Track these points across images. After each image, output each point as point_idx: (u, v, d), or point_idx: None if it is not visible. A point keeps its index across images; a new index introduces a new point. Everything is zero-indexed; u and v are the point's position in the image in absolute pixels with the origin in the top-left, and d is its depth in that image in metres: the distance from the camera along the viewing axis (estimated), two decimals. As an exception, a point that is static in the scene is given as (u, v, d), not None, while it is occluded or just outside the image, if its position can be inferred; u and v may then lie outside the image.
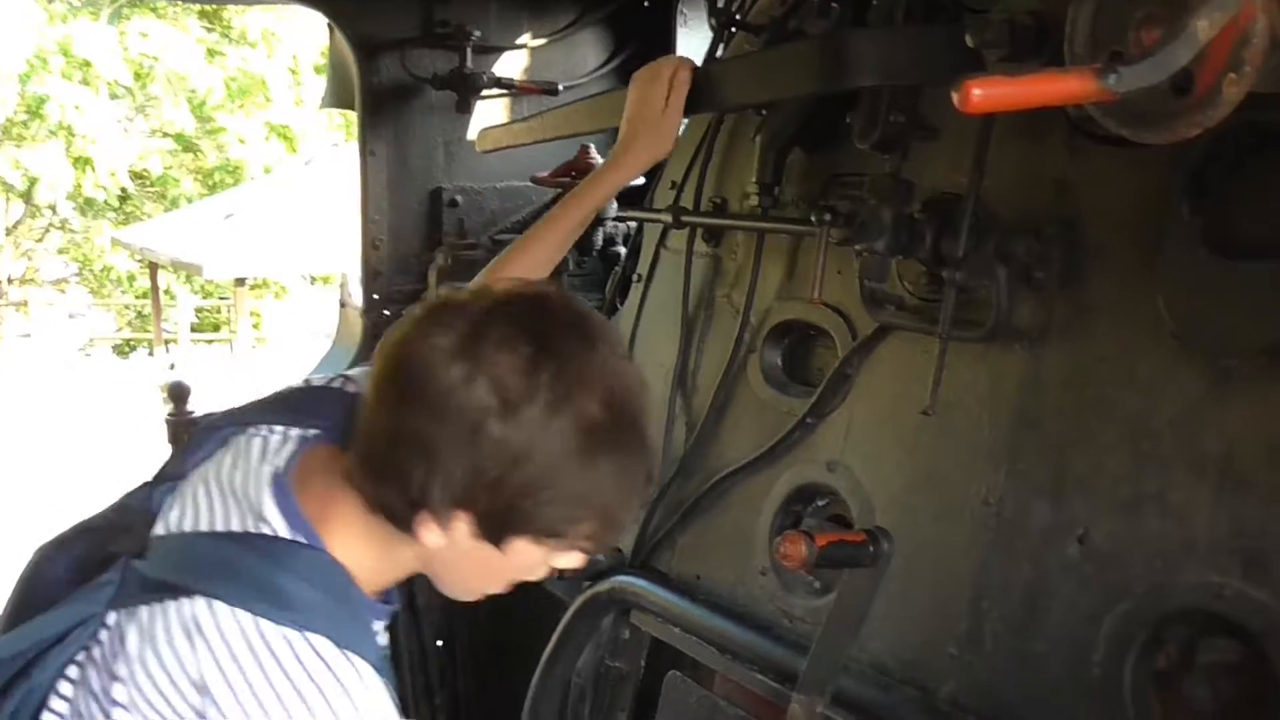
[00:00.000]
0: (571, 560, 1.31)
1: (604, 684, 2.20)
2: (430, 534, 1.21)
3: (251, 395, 1.50)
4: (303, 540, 1.26)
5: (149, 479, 1.43)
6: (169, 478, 1.40)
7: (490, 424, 1.14)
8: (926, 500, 1.61)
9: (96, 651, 1.28)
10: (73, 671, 1.29)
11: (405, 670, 3.09)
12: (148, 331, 18.19)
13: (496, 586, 1.33)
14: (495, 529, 1.20)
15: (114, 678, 1.23)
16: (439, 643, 3.20)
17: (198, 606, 1.21)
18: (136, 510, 1.39)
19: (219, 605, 1.20)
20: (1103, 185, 1.44)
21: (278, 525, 1.27)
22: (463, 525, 1.20)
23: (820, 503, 1.81)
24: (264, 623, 1.19)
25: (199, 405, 2.79)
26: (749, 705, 1.74)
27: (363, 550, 1.28)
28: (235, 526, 1.28)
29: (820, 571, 1.78)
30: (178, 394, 2.74)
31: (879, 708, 1.58)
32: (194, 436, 1.45)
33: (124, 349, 19.86)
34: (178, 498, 1.36)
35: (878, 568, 1.51)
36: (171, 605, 1.22)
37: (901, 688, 1.59)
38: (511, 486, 1.16)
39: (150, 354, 17.56)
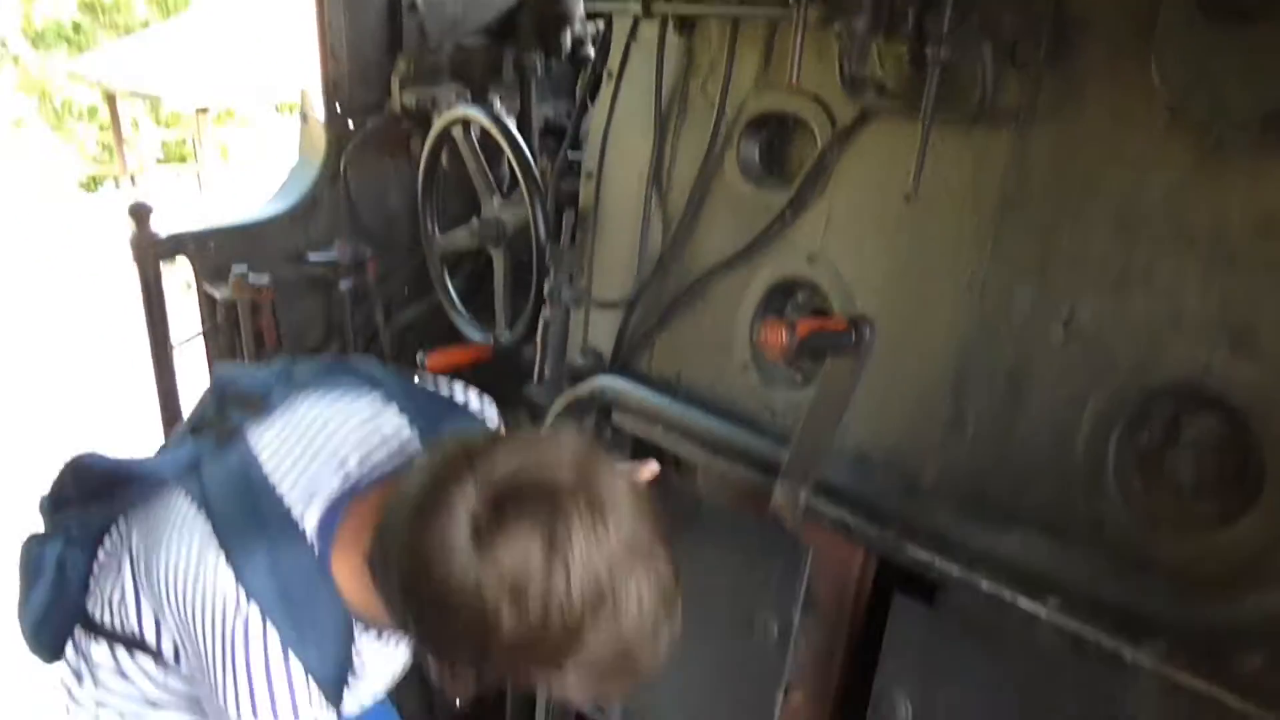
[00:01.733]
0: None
1: (588, 485, 2.22)
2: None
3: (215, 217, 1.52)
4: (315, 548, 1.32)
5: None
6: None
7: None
8: (909, 288, 1.59)
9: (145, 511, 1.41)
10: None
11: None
12: (112, 165, 17.80)
13: None
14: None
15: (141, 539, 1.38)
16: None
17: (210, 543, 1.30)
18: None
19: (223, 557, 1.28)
20: (1093, -50, 1.38)
21: (309, 525, 1.33)
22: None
23: (800, 297, 1.79)
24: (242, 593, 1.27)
25: (162, 226, 2.72)
26: (733, 498, 1.75)
27: (358, 587, 1.31)
28: (287, 493, 1.35)
29: (801, 365, 1.78)
30: (140, 214, 2.66)
31: (862, 494, 1.59)
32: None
33: (90, 184, 19.46)
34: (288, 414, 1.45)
35: (859, 355, 1.50)
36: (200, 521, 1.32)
37: (884, 474, 1.59)
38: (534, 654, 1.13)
39: (117, 187, 17.23)
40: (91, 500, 1.47)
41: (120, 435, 5.02)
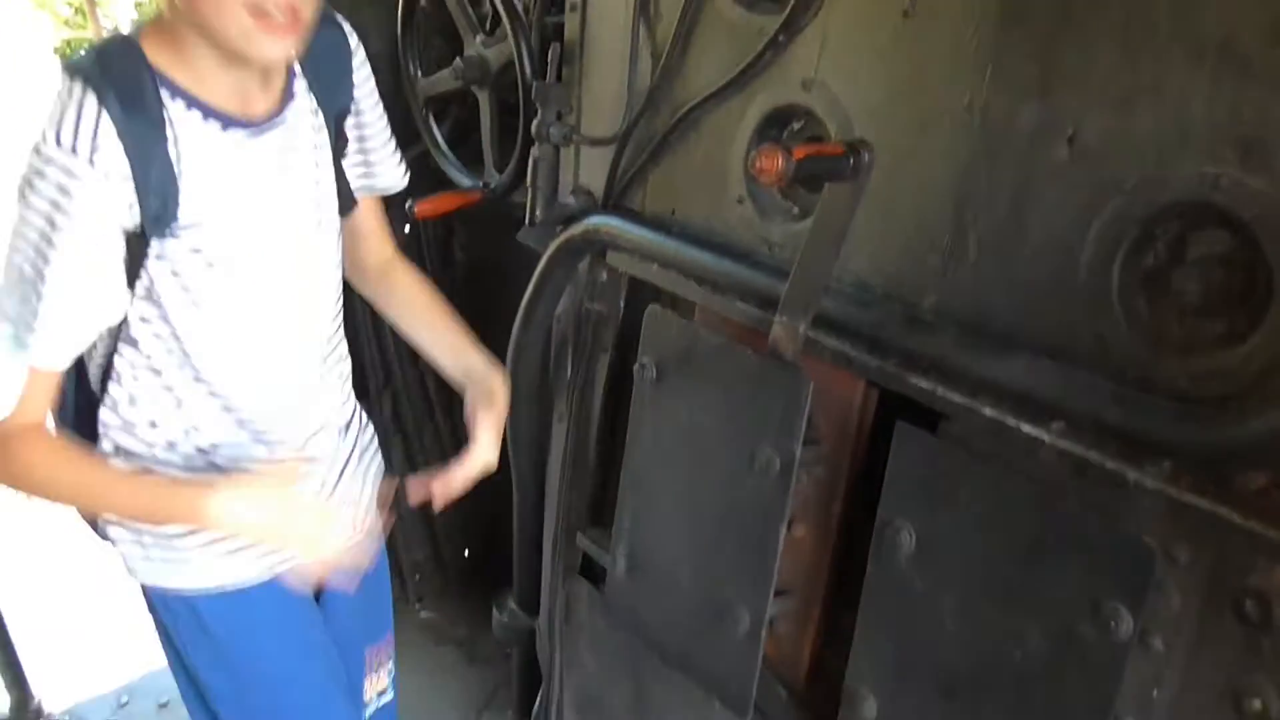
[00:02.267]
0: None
1: (585, 327, 2.20)
2: None
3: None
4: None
5: None
6: None
7: None
8: (907, 111, 1.53)
9: None
10: None
11: (387, 336, 3.10)
12: (86, 29, 17.36)
13: (238, 15, 1.39)
14: None
15: None
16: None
17: None
18: None
19: None
20: None
21: None
22: None
23: (796, 125, 1.73)
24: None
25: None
26: (732, 333, 1.73)
27: (162, 40, 1.47)
28: None
29: (798, 196, 1.73)
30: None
31: (862, 324, 1.56)
32: None
33: (65, 49, 19.00)
34: None
35: (858, 180, 1.45)
36: None
37: (884, 303, 1.57)
38: None
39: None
40: None
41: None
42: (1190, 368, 1.25)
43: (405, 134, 2.75)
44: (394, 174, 1.95)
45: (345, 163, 1.78)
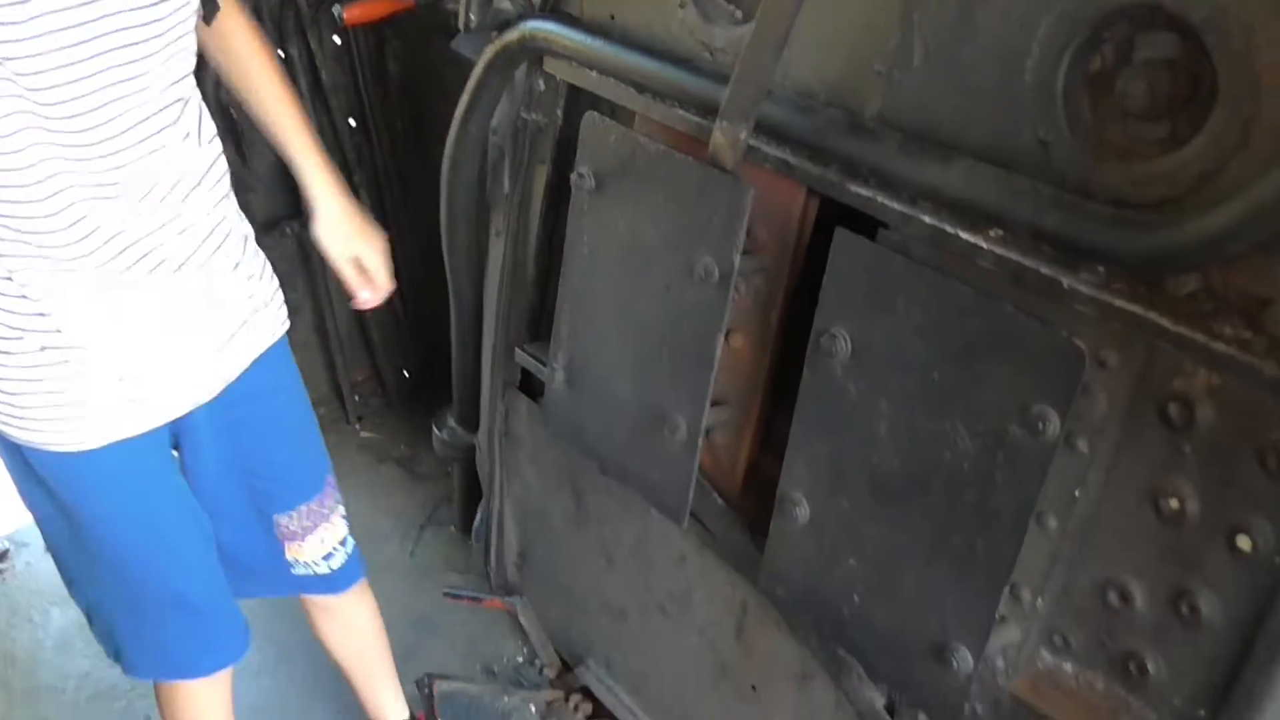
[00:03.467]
0: None
1: (522, 138, 2.15)
2: None
3: None
4: None
5: None
6: None
7: None
8: None
9: None
10: None
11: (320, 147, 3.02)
12: None
13: None
14: None
15: None
16: (351, 122, 3.12)
17: None
18: None
19: None
20: None
21: None
22: None
23: (738, -82, 1.67)
24: None
25: None
26: (671, 141, 1.69)
27: None
28: None
29: (742, -1, 1.68)
30: None
31: (803, 131, 1.53)
32: None
33: None
34: None
35: (801, -21, 1.41)
36: None
37: (827, 110, 1.53)
38: None
39: None
40: None
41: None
42: (1131, 173, 1.24)
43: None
44: None
45: None
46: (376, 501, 3.22)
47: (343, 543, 2.08)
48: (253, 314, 1.78)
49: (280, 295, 1.89)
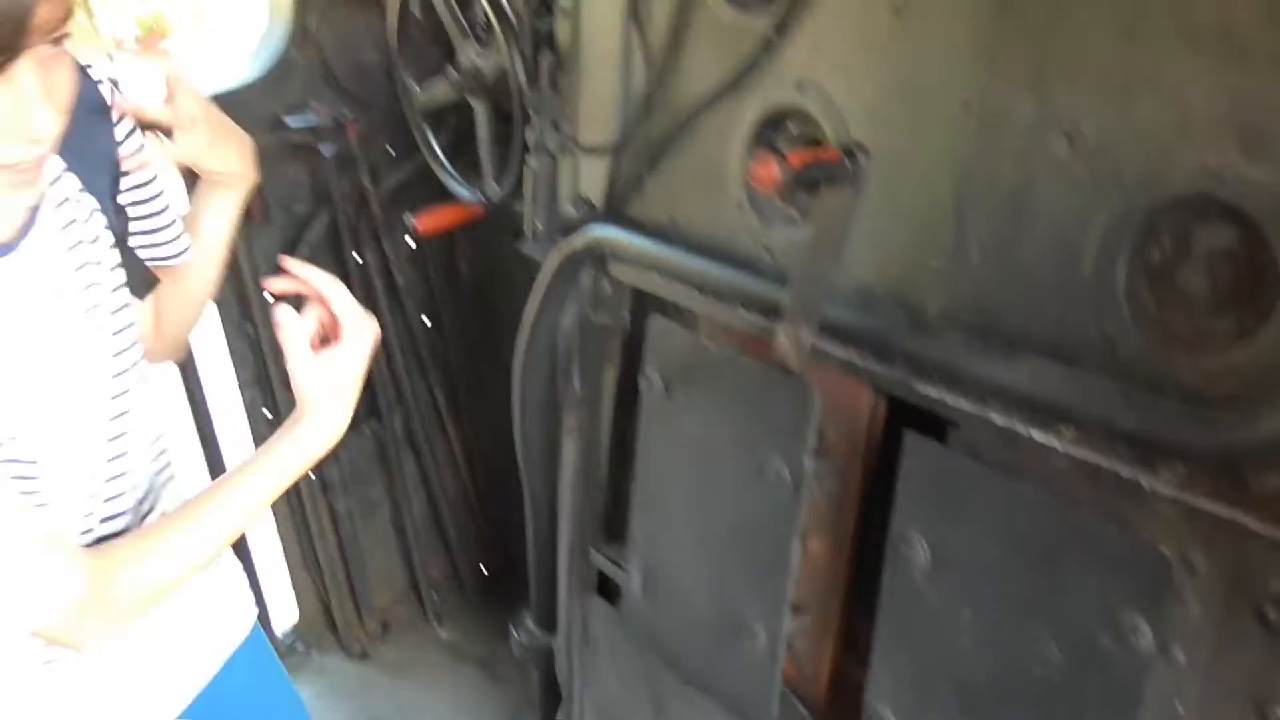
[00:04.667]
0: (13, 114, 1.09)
1: (590, 338, 2.17)
2: None
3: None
4: None
5: None
6: None
7: None
8: (903, 110, 1.50)
9: None
10: None
11: (395, 351, 3.09)
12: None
13: None
14: None
15: None
16: (425, 321, 3.19)
17: None
18: None
19: None
20: None
21: None
22: None
23: (792, 127, 1.70)
24: None
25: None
26: (736, 343, 1.69)
27: None
28: None
29: (798, 200, 1.69)
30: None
31: (867, 331, 1.53)
32: None
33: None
34: None
35: (856, 185, 1.42)
36: None
37: (888, 308, 1.53)
38: None
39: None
40: None
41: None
42: (1199, 366, 1.21)
43: (404, 146, 2.74)
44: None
45: (133, 240, 1.47)
46: (458, 703, 3.16)
47: None
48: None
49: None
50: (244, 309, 2.84)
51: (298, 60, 2.70)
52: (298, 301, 1.38)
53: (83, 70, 1.28)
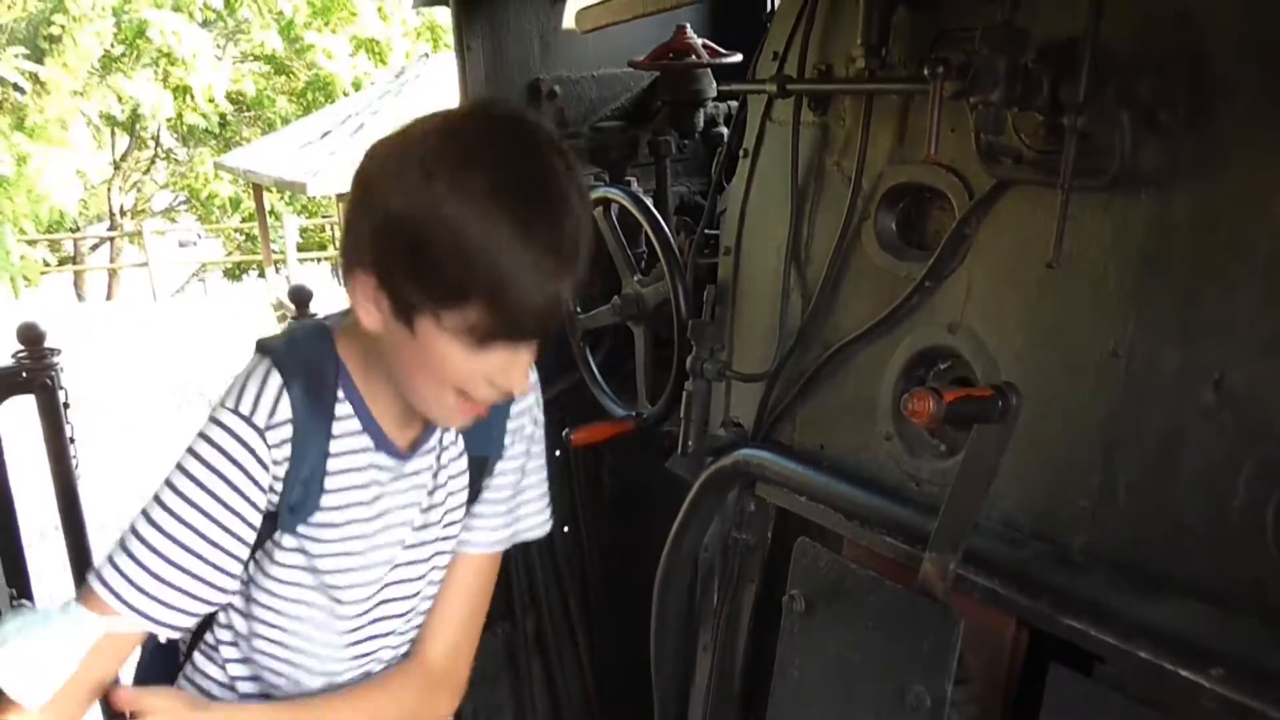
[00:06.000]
0: (506, 375, 1.37)
1: (732, 556, 2.24)
2: (362, 310, 1.35)
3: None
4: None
5: None
6: None
7: (377, 183, 1.29)
8: (1052, 355, 1.59)
9: None
10: None
11: (534, 557, 3.17)
12: (256, 254, 18.54)
13: (442, 394, 1.39)
14: (398, 300, 1.30)
15: None
16: (564, 528, 3.27)
17: None
18: None
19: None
20: (1228, 13, 1.38)
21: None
22: (384, 301, 1.32)
23: (942, 366, 1.80)
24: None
25: (320, 309, 2.85)
26: (880, 568, 1.75)
27: (355, 350, 1.47)
28: None
29: (946, 434, 1.78)
30: (300, 298, 2.80)
31: (1012, 563, 1.58)
32: None
33: (234, 272, 20.33)
34: None
35: (1006, 422, 1.50)
36: None
37: (1034, 543, 1.59)
38: (395, 240, 1.27)
39: (260, 275, 17.93)
40: None
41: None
42: (1352, 613, 1.24)
43: (562, 364, 2.90)
44: (533, 521, 1.80)
45: (477, 508, 1.68)
46: None
47: None
48: None
49: None
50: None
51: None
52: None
53: None
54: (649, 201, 2.48)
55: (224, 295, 18.15)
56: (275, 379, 1.42)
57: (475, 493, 1.65)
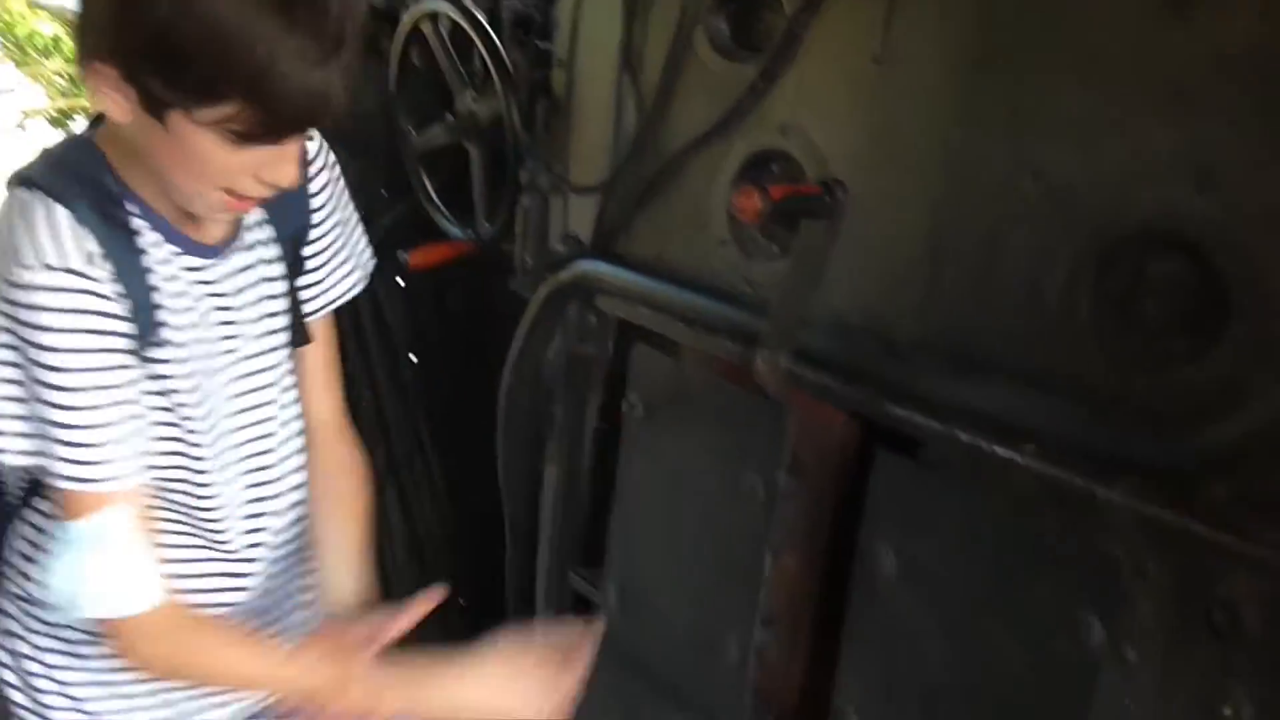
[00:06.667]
0: (274, 169, 1.24)
1: (575, 370, 2.25)
2: (108, 100, 1.19)
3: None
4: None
5: None
6: None
7: None
8: (881, 152, 1.60)
9: None
10: None
11: (382, 380, 3.15)
12: (81, 97, 17.51)
13: (209, 192, 1.26)
14: (147, 95, 1.16)
15: None
16: (412, 357, 3.25)
17: None
18: None
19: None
20: None
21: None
22: (126, 89, 1.17)
23: (776, 169, 1.80)
24: None
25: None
26: (717, 370, 1.78)
27: (121, 153, 1.30)
28: None
29: (779, 236, 1.79)
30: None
31: (840, 356, 1.61)
32: None
33: (61, 120, 19.21)
34: None
35: (833, 218, 1.52)
36: None
37: (862, 335, 1.62)
38: (137, 26, 1.13)
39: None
40: None
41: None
42: (1157, 386, 1.30)
43: (398, 187, 2.83)
44: (359, 269, 1.68)
45: (301, 281, 1.57)
46: (431, 734, 3.19)
47: None
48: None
49: None
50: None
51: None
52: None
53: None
54: (481, 16, 2.40)
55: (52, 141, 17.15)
56: (59, 211, 1.25)
57: (299, 269, 1.55)
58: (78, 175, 1.29)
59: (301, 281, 1.57)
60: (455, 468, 3.42)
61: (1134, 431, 1.29)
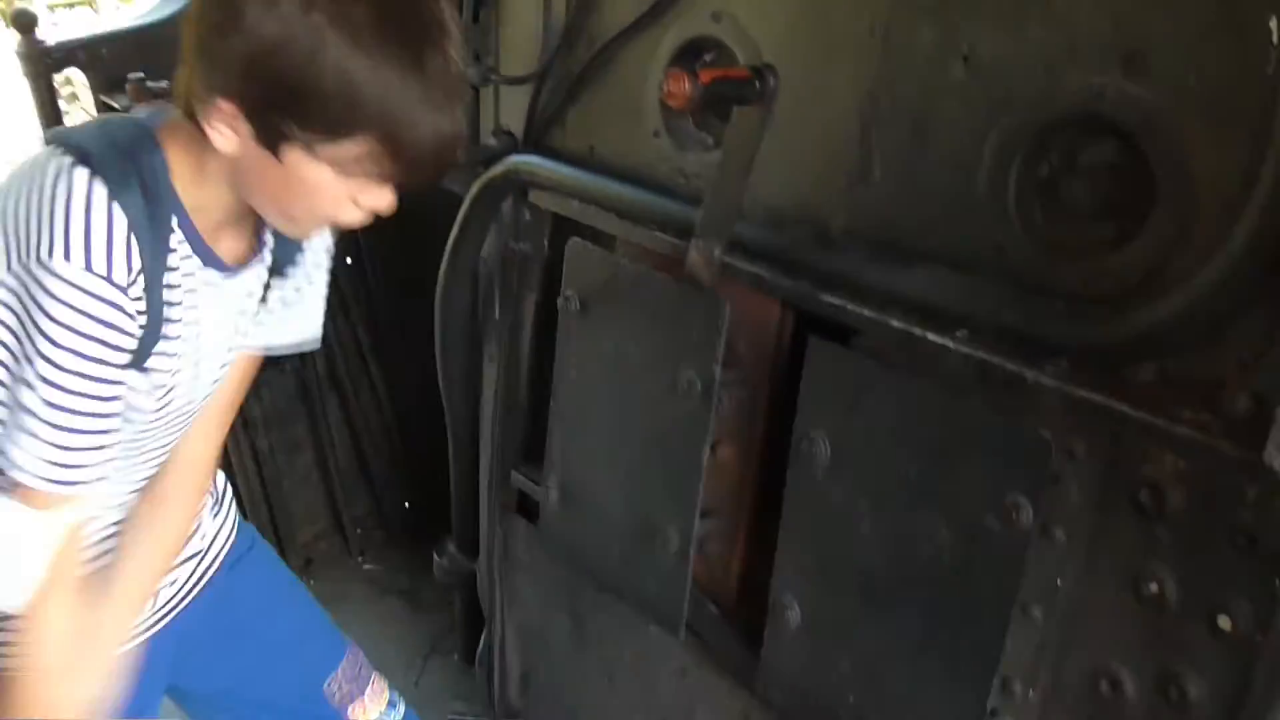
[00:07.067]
0: (375, 197, 1.28)
1: (511, 266, 2.23)
2: (216, 132, 1.22)
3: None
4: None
5: None
6: None
7: (249, 9, 1.14)
8: (812, 38, 1.57)
9: None
10: None
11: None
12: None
13: (308, 217, 1.31)
14: (267, 131, 1.20)
15: None
16: (347, 260, 3.21)
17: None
18: None
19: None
20: None
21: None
22: (242, 125, 1.20)
23: (708, 57, 1.76)
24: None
25: (51, 36, 2.62)
26: (652, 263, 1.76)
27: (182, 159, 1.31)
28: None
29: (712, 126, 1.77)
30: (24, 23, 2.56)
31: (774, 247, 1.60)
32: None
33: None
34: None
35: (764, 104, 1.49)
36: None
37: (795, 226, 1.61)
38: (269, 73, 1.15)
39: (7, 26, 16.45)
40: None
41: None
42: (1083, 271, 1.31)
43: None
44: (304, 334, 1.75)
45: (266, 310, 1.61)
46: (380, 632, 3.21)
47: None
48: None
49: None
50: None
51: None
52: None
53: None
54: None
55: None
56: (119, 218, 1.24)
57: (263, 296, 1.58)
58: (138, 170, 1.28)
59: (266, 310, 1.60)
60: (397, 372, 3.41)
61: (1062, 316, 1.29)
